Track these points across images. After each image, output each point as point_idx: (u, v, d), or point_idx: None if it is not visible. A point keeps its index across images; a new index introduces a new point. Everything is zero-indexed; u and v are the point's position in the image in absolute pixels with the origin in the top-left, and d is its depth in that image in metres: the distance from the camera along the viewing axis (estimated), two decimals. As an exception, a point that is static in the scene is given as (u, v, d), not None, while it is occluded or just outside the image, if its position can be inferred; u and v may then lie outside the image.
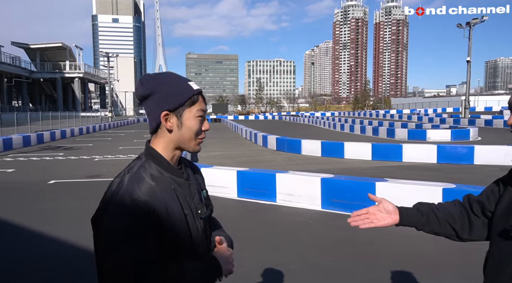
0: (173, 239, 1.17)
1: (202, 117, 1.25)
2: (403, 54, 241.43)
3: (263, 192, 7.48)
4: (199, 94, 1.25)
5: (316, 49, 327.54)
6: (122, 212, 1.09)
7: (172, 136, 1.22)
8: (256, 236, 5.48)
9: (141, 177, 1.16)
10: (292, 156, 14.33)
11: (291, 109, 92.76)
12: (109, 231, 1.09)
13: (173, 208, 1.17)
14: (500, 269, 1.17)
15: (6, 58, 48.55)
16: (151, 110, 1.22)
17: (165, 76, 1.24)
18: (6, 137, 18.08)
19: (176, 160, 1.27)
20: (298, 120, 48.23)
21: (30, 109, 48.50)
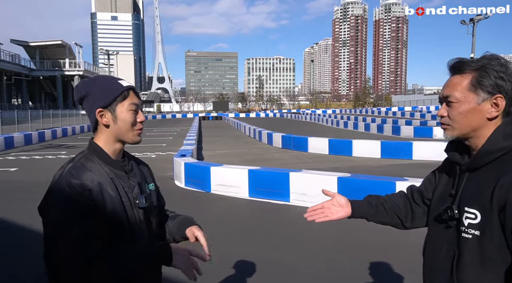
0: (109, 222, 1.26)
1: (135, 110, 1.36)
2: (402, 51, 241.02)
3: (276, 192, 7.26)
4: (130, 89, 1.36)
5: (316, 47, 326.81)
6: (61, 197, 1.20)
7: (110, 131, 1.35)
8: (271, 236, 5.26)
9: (80, 166, 1.28)
10: (299, 154, 14.11)
11: (292, 107, 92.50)
12: (52, 215, 1.20)
13: (109, 193, 1.27)
14: (436, 250, 1.26)
15: (5, 56, 48.21)
16: (88, 110, 1.35)
17: (96, 79, 1.38)
18: (7, 136, 17.85)
19: (119, 153, 1.39)
20: (300, 118, 48.00)
21: (30, 108, 48.19)
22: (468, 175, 1.22)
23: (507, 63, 1.18)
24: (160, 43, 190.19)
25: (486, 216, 1.12)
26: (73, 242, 1.17)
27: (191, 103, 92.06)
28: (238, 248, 4.78)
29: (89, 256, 1.18)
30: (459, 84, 1.20)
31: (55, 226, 1.19)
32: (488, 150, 1.16)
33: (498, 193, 1.09)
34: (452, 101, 1.21)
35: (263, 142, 18.64)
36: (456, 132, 1.22)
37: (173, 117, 62.45)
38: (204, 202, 7.40)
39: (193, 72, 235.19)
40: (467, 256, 1.16)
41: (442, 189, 1.32)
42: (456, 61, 1.24)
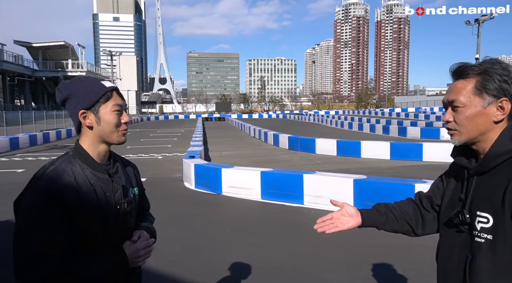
0: (84, 229, 1.26)
1: (119, 111, 1.35)
2: (404, 52, 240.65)
3: (289, 194, 7.15)
4: (113, 90, 1.34)
5: (317, 48, 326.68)
6: (36, 199, 1.19)
7: (94, 132, 1.33)
8: (286, 239, 5.15)
9: (61, 170, 1.26)
10: (307, 155, 13.99)
11: (294, 108, 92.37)
12: (23, 215, 1.21)
13: (87, 199, 1.26)
14: (449, 255, 1.27)
15: (8, 56, 48.23)
16: (71, 112, 1.33)
17: (78, 80, 1.35)
18: (13, 137, 17.79)
19: (104, 155, 1.37)
20: (303, 119, 47.88)
21: (33, 108, 48.16)
22: (477, 178, 1.22)
23: (508, 67, 1.19)
24: (161, 44, 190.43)
25: (498, 219, 1.12)
26: (31, 249, 1.17)
27: (193, 104, 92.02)
28: (254, 250, 4.68)
29: (47, 265, 1.18)
30: (464, 88, 1.20)
31: (21, 228, 1.21)
32: (496, 153, 1.17)
33: (510, 195, 1.09)
34: (457, 106, 1.21)
35: (269, 143, 18.53)
36: (464, 137, 1.22)
37: (175, 118, 62.39)
38: (215, 204, 7.30)
39: (195, 73, 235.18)
40: (480, 260, 1.16)
41: (451, 194, 1.33)
42: (459, 66, 1.24)
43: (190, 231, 5.62)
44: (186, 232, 5.58)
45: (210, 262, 4.34)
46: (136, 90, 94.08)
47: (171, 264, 4.27)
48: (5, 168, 12.10)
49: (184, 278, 3.96)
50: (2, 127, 22.35)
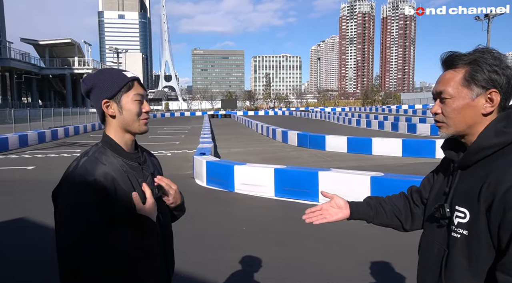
0: (125, 212, 1.27)
1: (140, 101, 1.38)
2: (410, 49, 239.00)
3: (304, 191, 7.04)
4: (135, 80, 1.38)
5: (323, 45, 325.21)
6: (72, 189, 1.23)
7: (117, 121, 1.37)
8: (304, 237, 5.03)
9: (94, 160, 1.30)
10: (317, 152, 13.86)
11: (299, 105, 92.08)
12: (61, 206, 1.24)
13: (122, 187, 1.29)
14: (428, 249, 1.26)
15: (16, 54, 48.49)
16: (95, 102, 1.37)
17: (101, 71, 1.39)
18: (21, 134, 17.82)
19: (131, 144, 1.41)
20: (309, 115, 47.69)
21: (40, 106, 48.38)
22: (460, 172, 1.20)
23: (500, 56, 1.15)
24: (167, 41, 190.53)
25: (474, 215, 1.10)
26: (71, 238, 1.21)
27: (199, 101, 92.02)
28: (272, 249, 4.57)
29: (88, 250, 1.20)
30: (452, 79, 1.17)
31: (62, 218, 1.24)
32: (479, 146, 1.13)
33: (486, 191, 1.07)
34: (445, 98, 1.18)
35: (277, 140, 18.41)
36: (451, 129, 1.18)
37: (181, 115, 62.42)
38: (228, 202, 7.21)
39: (200, 70, 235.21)
40: (456, 255, 1.14)
41: (438, 188, 1.30)
42: (448, 55, 1.20)
43: (205, 230, 5.52)
44: (202, 231, 5.48)
45: (228, 261, 4.25)
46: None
47: (192, 265, 4.17)
48: (15, 165, 12.09)
49: (203, 277, 3.87)
50: (11, 124, 22.42)
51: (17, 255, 4.54)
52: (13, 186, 8.89)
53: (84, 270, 1.20)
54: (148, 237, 1.31)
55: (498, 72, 1.12)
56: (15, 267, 4.19)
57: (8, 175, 10.41)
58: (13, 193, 7.98)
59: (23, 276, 3.94)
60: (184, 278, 3.85)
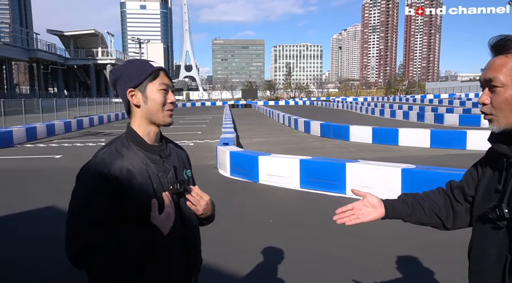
0: (139, 205, 1.27)
1: (165, 90, 1.36)
2: (436, 36, 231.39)
3: (331, 183, 6.88)
4: (160, 70, 1.37)
5: (344, 33, 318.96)
6: (85, 178, 1.27)
7: (142, 111, 1.36)
8: (333, 231, 4.90)
9: (114, 151, 1.31)
10: (341, 143, 13.60)
11: (320, 95, 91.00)
12: (76, 191, 1.28)
13: (138, 180, 1.29)
14: (484, 254, 1.15)
15: (42, 45, 49.61)
16: (121, 92, 1.37)
17: (128, 62, 1.40)
18: (49, 123, 18.28)
19: (154, 137, 1.39)
20: (331, 105, 47.04)
21: (65, 96, 49.55)
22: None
23: None
24: (187, 31, 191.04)
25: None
26: (77, 223, 1.23)
27: (219, 91, 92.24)
28: (300, 243, 4.47)
29: (94, 240, 1.21)
30: (504, 66, 1.05)
31: (74, 204, 1.27)
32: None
33: None
34: (496, 86, 1.06)
35: (299, 130, 18.21)
36: (503, 123, 1.07)
37: (202, 105, 62.76)
38: (253, 193, 7.14)
39: (220, 60, 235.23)
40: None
41: (486, 184, 1.19)
42: (500, 39, 1.09)
43: (231, 221, 5.46)
44: (228, 222, 5.42)
45: (255, 253, 4.17)
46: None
47: (217, 257, 4.12)
48: (44, 154, 12.39)
49: (229, 269, 3.81)
50: (38, 114, 23.01)
51: (48, 247, 4.59)
52: (43, 174, 9.09)
53: (86, 258, 1.22)
54: (152, 243, 1.26)
55: None
56: (46, 258, 4.24)
57: (38, 164, 10.67)
58: (43, 181, 8.15)
59: (50, 265, 3.97)
60: (210, 270, 3.80)
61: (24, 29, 63.49)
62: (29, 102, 25.16)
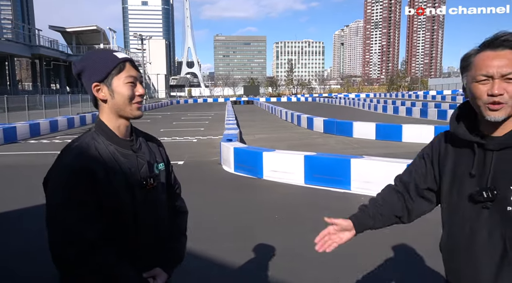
0: (113, 204, 1.24)
1: (133, 83, 1.30)
2: (438, 32, 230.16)
3: (335, 179, 6.87)
4: (126, 61, 1.29)
5: (346, 29, 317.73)
6: (63, 176, 1.19)
7: (109, 106, 1.30)
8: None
9: (85, 146, 1.25)
10: (344, 139, 13.59)
11: (322, 91, 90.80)
12: (53, 193, 1.21)
13: (113, 176, 1.24)
14: (475, 234, 1.22)
15: (45, 41, 49.60)
16: (86, 86, 1.30)
17: (91, 53, 1.32)
18: (52, 119, 18.33)
19: (125, 130, 1.34)
20: (333, 102, 46.96)
21: (68, 92, 49.59)
22: (498, 153, 1.19)
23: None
24: (189, 27, 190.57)
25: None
26: (65, 225, 1.17)
27: (221, 88, 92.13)
28: (307, 238, 4.45)
29: (85, 240, 1.17)
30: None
31: (54, 208, 1.20)
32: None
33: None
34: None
35: (302, 127, 18.18)
36: (509, 111, 1.16)
37: (204, 101, 62.73)
38: (257, 189, 7.14)
39: (222, 57, 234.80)
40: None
41: (453, 171, 1.28)
42: (500, 35, 1.17)
43: (238, 217, 5.47)
44: (234, 218, 5.44)
45: (263, 249, 4.18)
46: (165, 74, 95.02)
47: (226, 251, 4.13)
48: (48, 150, 12.42)
49: (237, 265, 3.81)
50: (41, 110, 23.05)
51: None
52: (45, 170, 9.10)
53: (85, 259, 1.18)
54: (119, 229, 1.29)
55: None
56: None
57: (41, 160, 10.70)
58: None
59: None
60: (218, 265, 3.81)
61: (26, 25, 63.58)
62: (32, 99, 25.23)
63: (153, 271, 1.39)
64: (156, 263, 1.42)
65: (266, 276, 3.56)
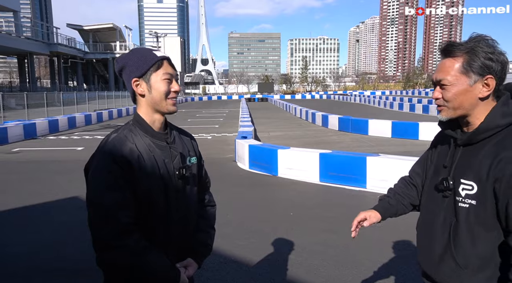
0: (147, 193, 1.33)
1: (169, 80, 1.39)
2: (457, 28, 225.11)
3: (351, 177, 6.84)
4: (164, 59, 1.40)
5: (362, 26, 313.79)
6: (103, 163, 1.29)
7: (146, 101, 1.40)
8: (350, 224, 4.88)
9: (123, 138, 1.35)
10: (360, 137, 13.47)
11: (337, 88, 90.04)
12: (94, 179, 1.31)
13: (147, 165, 1.33)
14: (434, 220, 1.40)
15: (62, 39, 50.46)
16: (126, 81, 1.41)
17: (132, 51, 1.43)
18: (70, 116, 18.69)
19: (160, 124, 1.43)
20: (348, 99, 46.52)
21: (85, 89, 50.40)
22: (463, 149, 1.33)
23: (494, 43, 1.26)
24: (204, 25, 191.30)
25: (482, 187, 1.24)
26: (105, 209, 1.26)
27: (235, 85, 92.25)
28: (323, 235, 4.46)
29: (120, 223, 1.26)
30: (451, 67, 1.29)
31: (93, 192, 1.30)
32: (487, 127, 1.26)
33: (496, 166, 1.21)
34: (445, 84, 1.30)
35: (317, 124, 18.09)
36: (450, 112, 1.31)
37: (218, 99, 62.95)
38: (273, 186, 7.15)
39: (236, 54, 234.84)
40: (463, 223, 1.29)
41: (436, 162, 1.46)
42: (447, 45, 1.32)
43: (253, 214, 5.50)
44: (250, 214, 5.47)
45: (277, 246, 4.19)
46: (180, 71, 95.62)
47: (241, 248, 4.17)
48: (66, 146, 12.68)
49: (252, 261, 3.84)
50: (59, 107, 23.52)
51: (72, 234, 4.73)
52: (67, 166, 9.31)
53: (119, 241, 1.26)
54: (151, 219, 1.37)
55: (493, 59, 1.24)
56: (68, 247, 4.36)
57: (61, 155, 10.95)
58: (68, 172, 8.35)
59: (75, 256, 4.09)
60: (232, 261, 3.84)
61: (44, 24, 64.72)
62: (50, 96, 25.73)
63: (185, 262, 1.49)
64: (187, 254, 1.50)
65: (282, 273, 3.57)
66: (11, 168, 9.23)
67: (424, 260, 1.46)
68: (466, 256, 1.29)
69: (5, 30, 39.65)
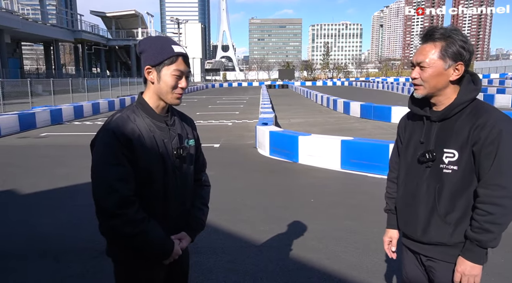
0: (146, 169, 1.44)
1: (179, 76, 1.49)
2: (487, 11, 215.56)
3: (373, 164, 6.74)
4: (180, 56, 1.48)
5: (386, 10, 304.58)
6: (104, 142, 1.41)
7: (154, 88, 1.50)
8: (375, 212, 4.82)
9: (126, 117, 1.46)
10: (382, 124, 13.23)
11: (359, 75, 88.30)
12: (97, 153, 1.43)
13: (147, 143, 1.45)
14: (417, 188, 1.59)
15: (86, 26, 51.24)
16: (142, 65, 1.52)
17: (155, 38, 1.52)
18: (94, 102, 19.08)
19: (162, 109, 1.55)
20: (370, 86, 45.61)
21: (108, 76, 51.28)
22: (439, 124, 1.53)
23: (465, 36, 1.48)
24: (224, 11, 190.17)
25: (462, 153, 1.45)
26: (108, 181, 1.37)
27: (256, 72, 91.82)
28: (345, 223, 4.43)
29: (121, 194, 1.38)
30: (430, 52, 1.49)
31: (97, 166, 1.41)
32: (459, 102, 1.48)
33: (474, 132, 1.43)
34: (424, 66, 1.50)
35: (338, 111, 17.86)
36: (426, 91, 1.51)
37: (239, 85, 62.89)
38: (293, 173, 7.14)
39: (256, 40, 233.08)
40: (448, 186, 1.49)
41: (409, 138, 1.65)
42: (429, 30, 1.53)
43: (273, 200, 5.52)
44: (270, 200, 5.49)
45: (298, 232, 4.20)
46: (201, 58, 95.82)
47: (262, 233, 4.19)
48: (91, 131, 12.99)
49: (273, 247, 3.86)
50: (84, 93, 24.05)
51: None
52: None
53: (120, 211, 1.37)
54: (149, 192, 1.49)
55: (465, 48, 1.45)
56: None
57: (87, 140, 11.21)
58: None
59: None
60: (253, 246, 3.88)
61: (69, 11, 65.79)
62: (75, 82, 26.32)
63: (179, 234, 1.61)
64: (182, 228, 1.64)
65: (303, 258, 3.58)
66: (41, 151, 9.55)
67: (409, 227, 1.65)
68: (449, 212, 1.50)
69: (32, 18, 40.52)
